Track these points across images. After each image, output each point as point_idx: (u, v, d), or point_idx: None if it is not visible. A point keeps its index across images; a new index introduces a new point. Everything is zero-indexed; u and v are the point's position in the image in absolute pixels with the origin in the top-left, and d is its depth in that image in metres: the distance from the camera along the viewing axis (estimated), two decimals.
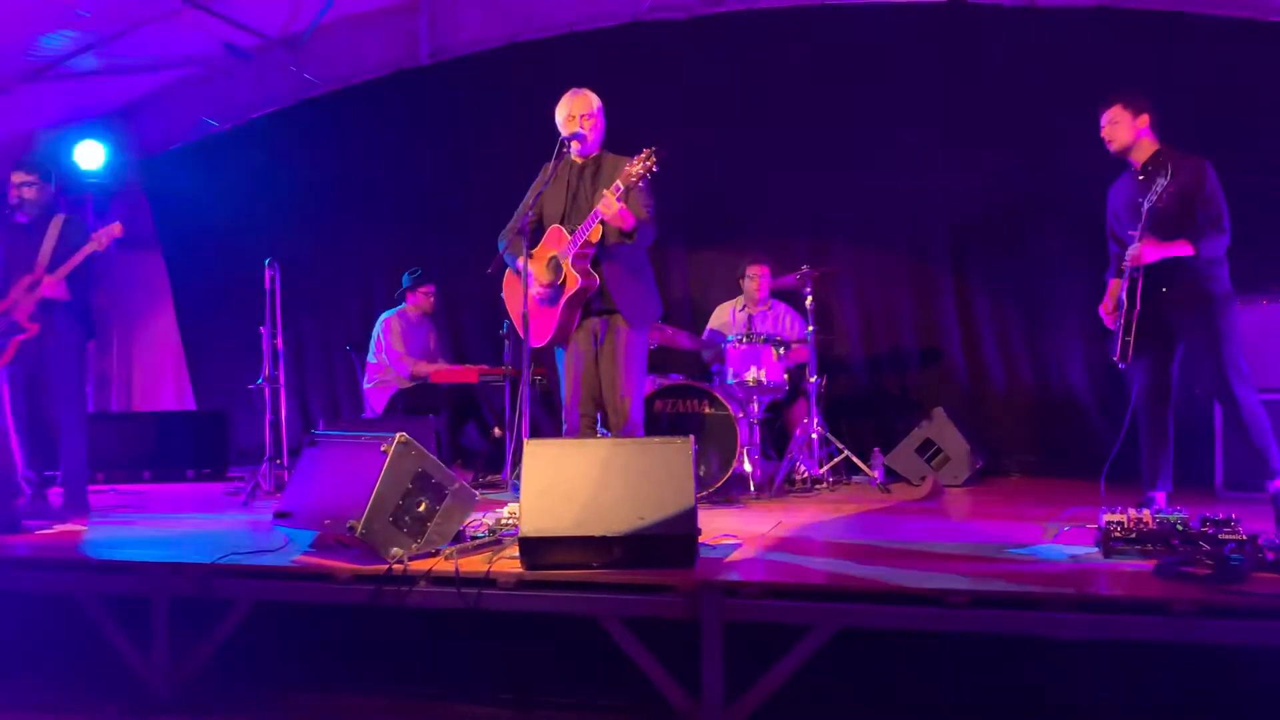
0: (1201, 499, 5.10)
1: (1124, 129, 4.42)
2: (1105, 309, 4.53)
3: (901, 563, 3.62)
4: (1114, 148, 4.48)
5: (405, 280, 6.93)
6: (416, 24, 7.88)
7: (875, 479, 5.92)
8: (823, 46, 7.01)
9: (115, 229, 5.10)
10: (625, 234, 4.37)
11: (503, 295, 4.81)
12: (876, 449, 6.19)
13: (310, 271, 7.79)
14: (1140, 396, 4.46)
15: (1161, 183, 4.17)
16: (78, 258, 5.00)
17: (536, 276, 4.50)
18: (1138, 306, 4.22)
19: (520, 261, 4.33)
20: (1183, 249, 4.17)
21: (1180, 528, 3.36)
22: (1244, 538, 3.26)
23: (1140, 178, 4.37)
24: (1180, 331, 4.30)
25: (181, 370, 8.86)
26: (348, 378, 7.46)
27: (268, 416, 6.19)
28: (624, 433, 4.51)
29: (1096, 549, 3.54)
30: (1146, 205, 4.20)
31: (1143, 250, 4.19)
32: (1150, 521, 3.43)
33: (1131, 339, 4.25)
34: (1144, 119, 4.40)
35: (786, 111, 7.08)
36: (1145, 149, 4.42)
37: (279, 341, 6.31)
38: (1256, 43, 6.01)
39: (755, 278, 6.57)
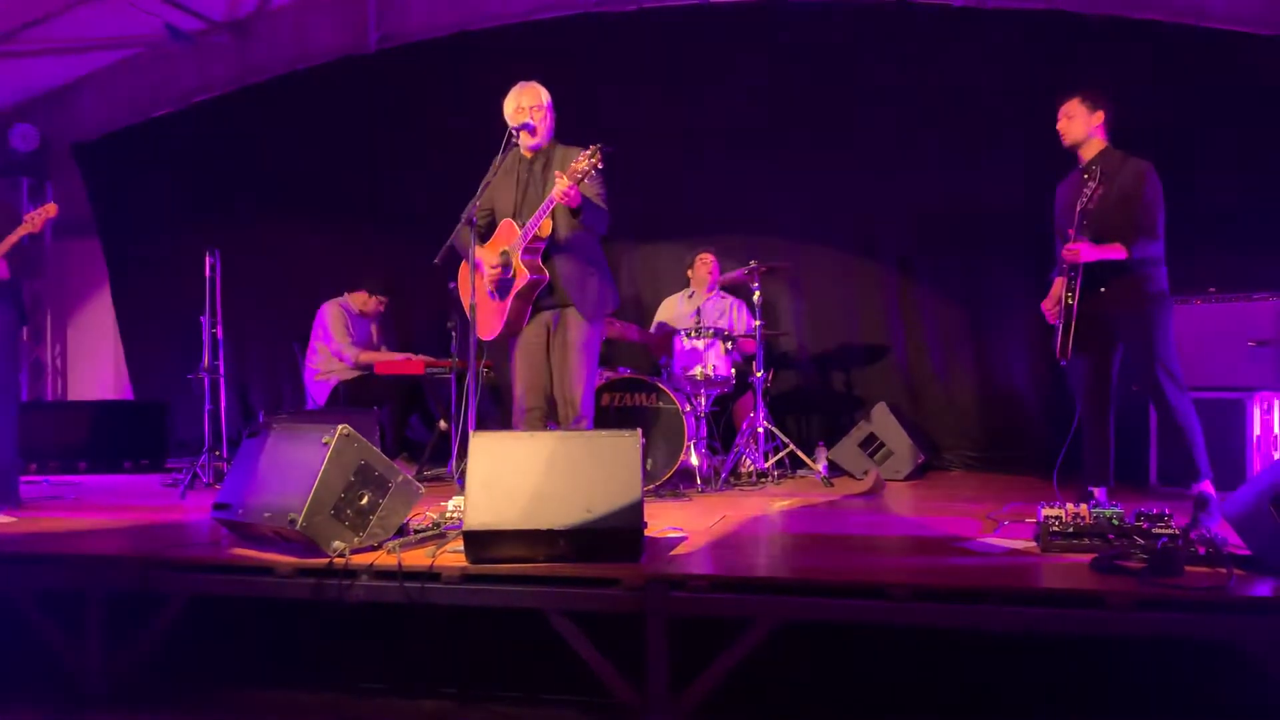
0: (1136, 495, 5.21)
1: (1079, 124, 4.45)
2: (1047, 306, 4.59)
3: (844, 556, 3.65)
4: (1066, 141, 4.51)
5: (363, 279, 6.85)
6: (365, 10, 7.79)
7: (819, 473, 5.97)
8: (773, 44, 7.04)
9: (50, 209, 4.98)
10: (573, 211, 4.33)
11: (454, 286, 4.77)
12: (821, 443, 6.24)
13: (253, 260, 7.65)
14: (1081, 394, 4.53)
15: (1091, 185, 4.24)
16: (11, 239, 4.87)
17: (487, 270, 4.47)
18: (1075, 305, 4.29)
19: (470, 252, 4.29)
20: (1115, 252, 4.23)
21: (1116, 522, 3.43)
22: (1177, 532, 3.34)
23: (1084, 175, 4.43)
24: (1118, 330, 4.38)
25: (119, 359, 8.67)
26: (289, 369, 7.37)
27: (207, 407, 6.09)
28: (574, 426, 4.49)
29: (1035, 543, 3.60)
30: (1079, 206, 4.27)
31: (1078, 249, 4.25)
32: (1087, 516, 3.49)
33: (1071, 336, 4.32)
34: (1099, 116, 4.43)
35: (736, 106, 7.10)
36: (1094, 146, 4.46)
37: (219, 331, 6.21)
38: (1202, 48, 6.14)
39: (705, 264, 6.61)
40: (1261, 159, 5.98)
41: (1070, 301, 4.30)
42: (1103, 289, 4.30)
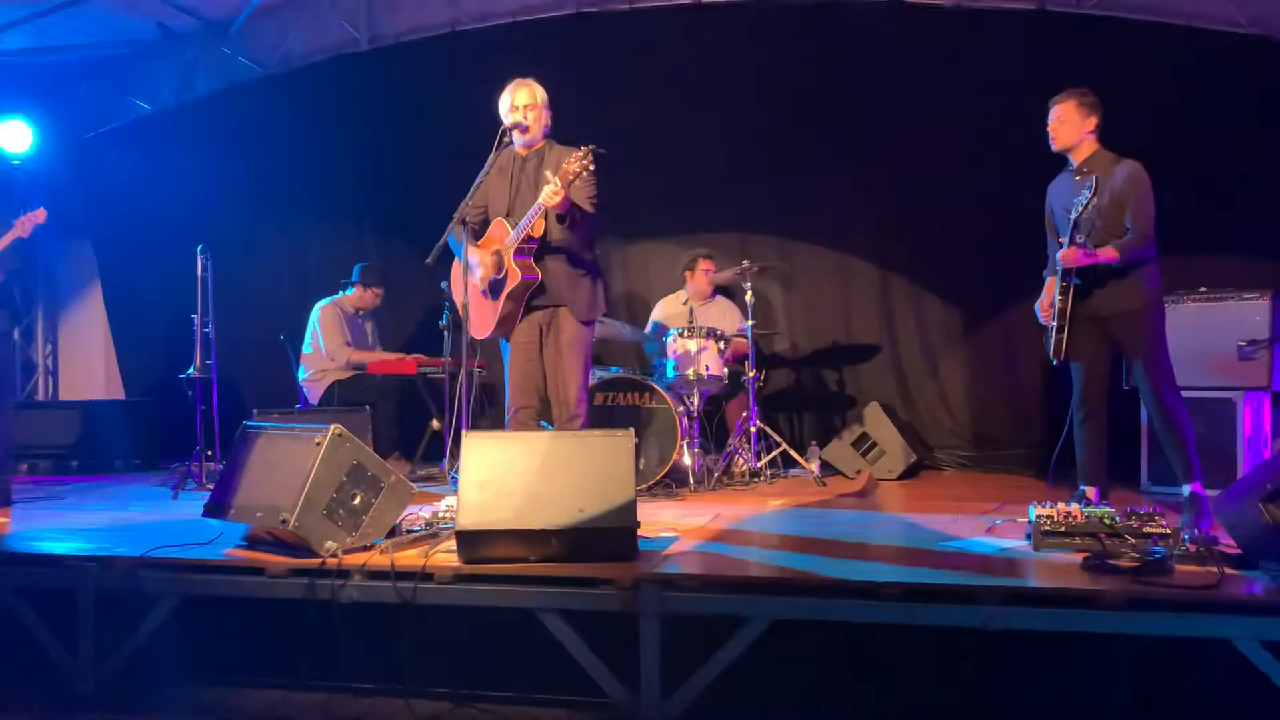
0: (1127, 495, 5.22)
1: (1071, 128, 4.40)
2: (1041, 305, 4.59)
3: (836, 555, 3.66)
4: (1057, 145, 4.45)
5: (356, 273, 6.84)
6: (356, 9, 7.76)
7: (812, 473, 5.98)
8: (766, 44, 7.03)
9: (39, 215, 4.97)
10: (559, 216, 4.33)
11: (447, 285, 4.77)
12: (813, 443, 6.26)
13: (245, 260, 7.63)
14: (1075, 394, 4.54)
15: (1086, 194, 4.22)
16: (1, 244, 4.86)
17: (480, 269, 4.47)
18: (1070, 308, 4.30)
19: (464, 250, 4.29)
20: (1108, 256, 4.23)
21: (1107, 522, 3.44)
22: (1168, 531, 3.35)
23: (1076, 177, 4.43)
24: (1111, 332, 4.38)
25: (111, 359, 8.64)
26: (282, 369, 7.33)
27: (199, 407, 6.07)
28: (567, 425, 4.49)
29: (1027, 542, 3.61)
30: (1074, 215, 4.26)
31: (1074, 256, 4.25)
32: (1079, 516, 3.50)
33: (1065, 337, 4.32)
34: (1093, 121, 4.38)
35: (729, 106, 7.10)
36: (1085, 149, 4.43)
37: (211, 331, 6.19)
38: (1190, 48, 6.15)
39: (706, 272, 6.59)
40: (1252, 159, 6.00)
41: (1063, 304, 4.30)
42: (1095, 290, 4.31)
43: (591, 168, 4.21)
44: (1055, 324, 4.35)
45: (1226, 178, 6.03)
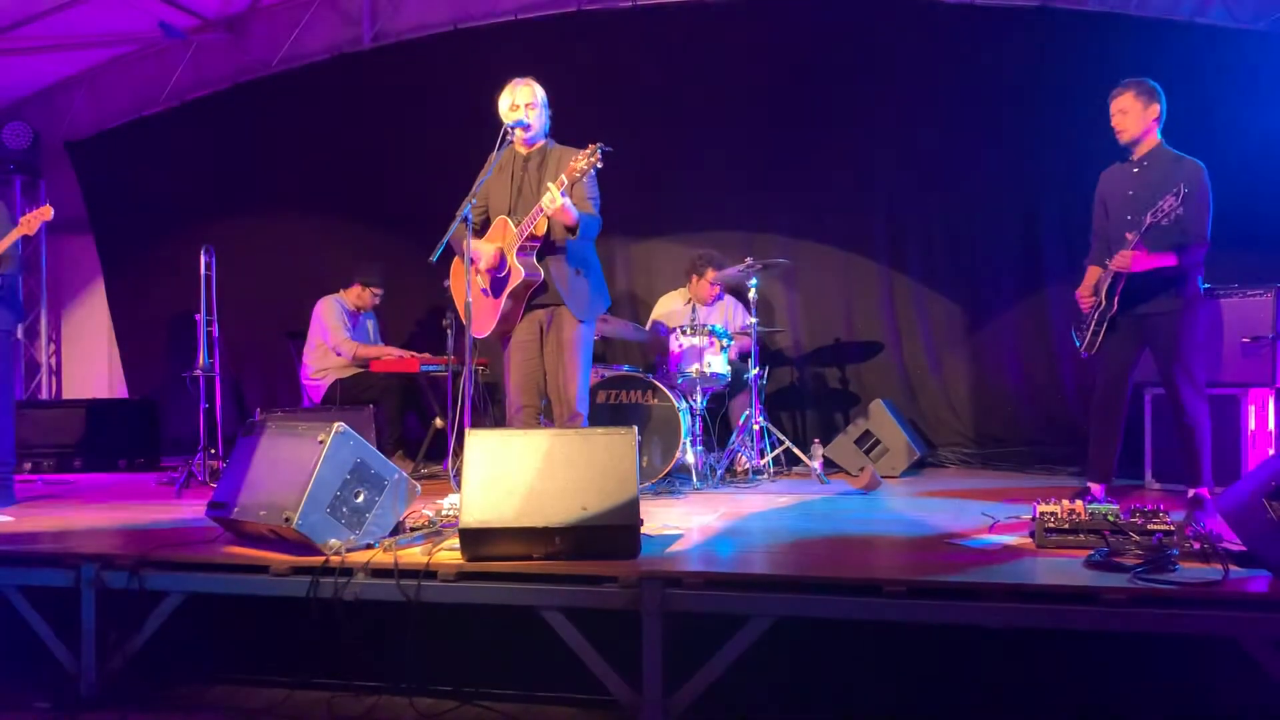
0: (1131, 491, 5.22)
1: (1135, 119, 4.38)
2: (1082, 294, 4.55)
3: (840, 553, 3.66)
4: (1124, 138, 4.43)
5: (355, 272, 6.84)
6: (359, 7, 7.77)
7: (815, 470, 5.97)
8: (766, 40, 7.03)
9: (46, 212, 4.97)
10: (569, 229, 4.37)
11: (448, 284, 4.77)
12: (817, 440, 6.24)
13: (247, 258, 7.63)
14: (1097, 390, 4.52)
15: (1171, 202, 4.15)
16: (6, 241, 4.86)
17: (483, 260, 4.47)
18: (1115, 307, 4.27)
19: (465, 249, 4.29)
20: (1168, 260, 4.20)
21: (1111, 519, 3.43)
22: (1172, 528, 3.34)
23: (1135, 170, 4.38)
24: (1146, 330, 4.35)
25: (114, 357, 8.66)
26: (285, 367, 7.35)
27: (202, 405, 6.08)
28: (568, 423, 4.49)
29: (1030, 539, 3.60)
30: (1149, 219, 4.19)
31: (1132, 260, 4.21)
32: (1082, 512, 3.50)
33: (1101, 334, 4.31)
34: (1154, 109, 4.36)
35: (732, 103, 7.09)
36: (1149, 143, 4.41)
37: (214, 329, 6.20)
38: (1195, 44, 6.14)
39: (712, 283, 6.56)
40: (1256, 154, 5.98)
41: (1109, 304, 4.26)
42: (1143, 291, 4.27)
43: (600, 165, 4.21)
44: (1095, 318, 4.32)
45: (1231, 173, 6.01)
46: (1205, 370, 4.29)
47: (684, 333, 5.82)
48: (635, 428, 3.54)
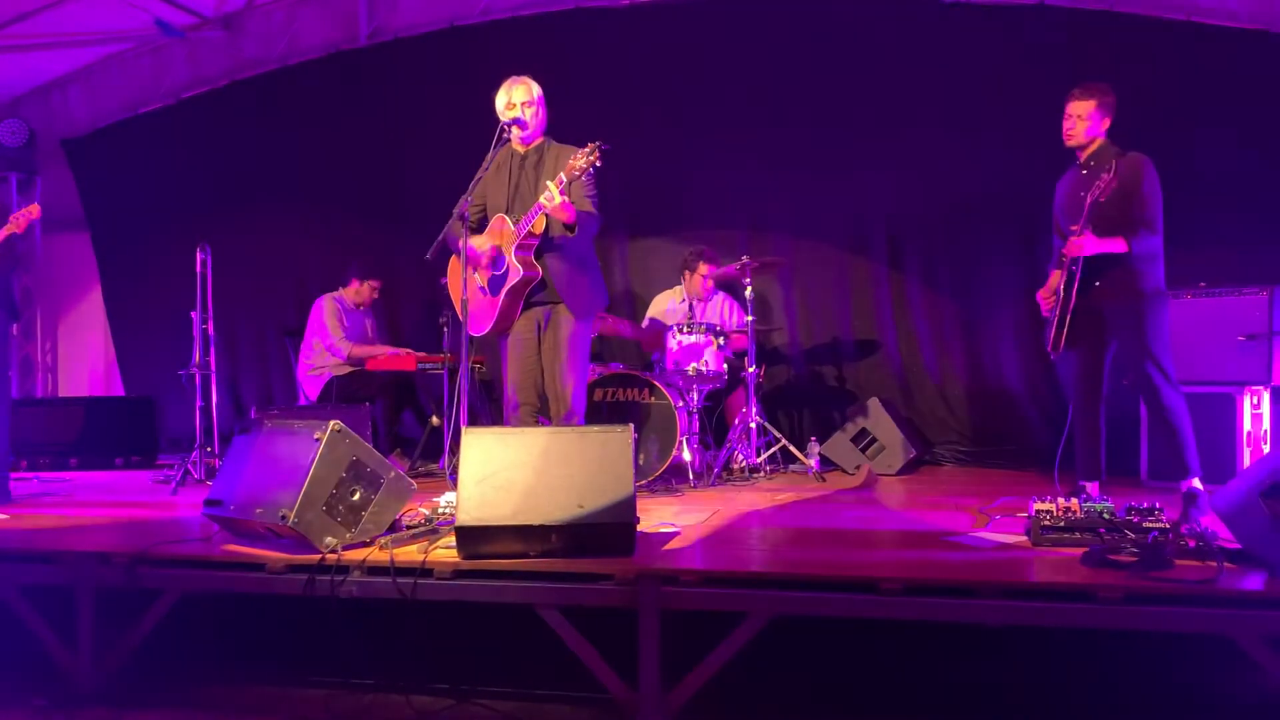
0: (1127, 489, 5.22)
1: (1089, 126, 4.40)
2: (1042, 295, 4.58)
3: (836, 551, 3.66)
4: (1070, 141, 4.46)
5: (352, 268, 6.84)
6: (356, 4, 7.76)
7: (811, 468, 5.98)
8: (767, 40, 7.03)
9: (33, 211, 4.96)
10: (567, 226, 4.36)
11: (445, 282, 4.77)
12: (813, 438, 6.24)
13: (243, 256, 7.62)
14: (1072, 388, 4.53)
15: (1106, 178, 4.19)
16: None
17: (479, 266, 4.47)
18: (1073, 300, 4.28)
19: (461, 246, 4.29)
20: (1117, 245, 4.23)
21: (1107, 516, 3.44)
22: (1167, 526, 3.35)
23: (1083, 171, 4.41)
24: (1111, 326, 4.38)
25: (110, 355, 8.65)
26: (281, 365, 7.34)
27: (198, 403, 6.07)
28: (565, 421, 4.50)
29: (1026, 537, 3.61)
30: (1089, 199, 4.23)
31: (1082, 243, 4.24)
32: (1078, 510, 3.50)
33: (1065, 331, 4.32)
34: (1108, 122, 4.40)
35: (729, 102, 7.09)
36: (1095, 144, 4.44)
37: (210, 327, 6.19)
38: (1194, 43, 6.15)
39: (707, 276, 6.56)
40: (1252, 153, 5.99)
41: (1066, 297, 4.29)
42: (1098, 283, 4.30)
43: (599, 164, 4.21)
44: (1056, 316, 4.34)
45: (1226, 172, 6.03)
46: (1175, 365, 4.30)
47: (680, 331, 5.82)
48: (632, 425, 3.55)
